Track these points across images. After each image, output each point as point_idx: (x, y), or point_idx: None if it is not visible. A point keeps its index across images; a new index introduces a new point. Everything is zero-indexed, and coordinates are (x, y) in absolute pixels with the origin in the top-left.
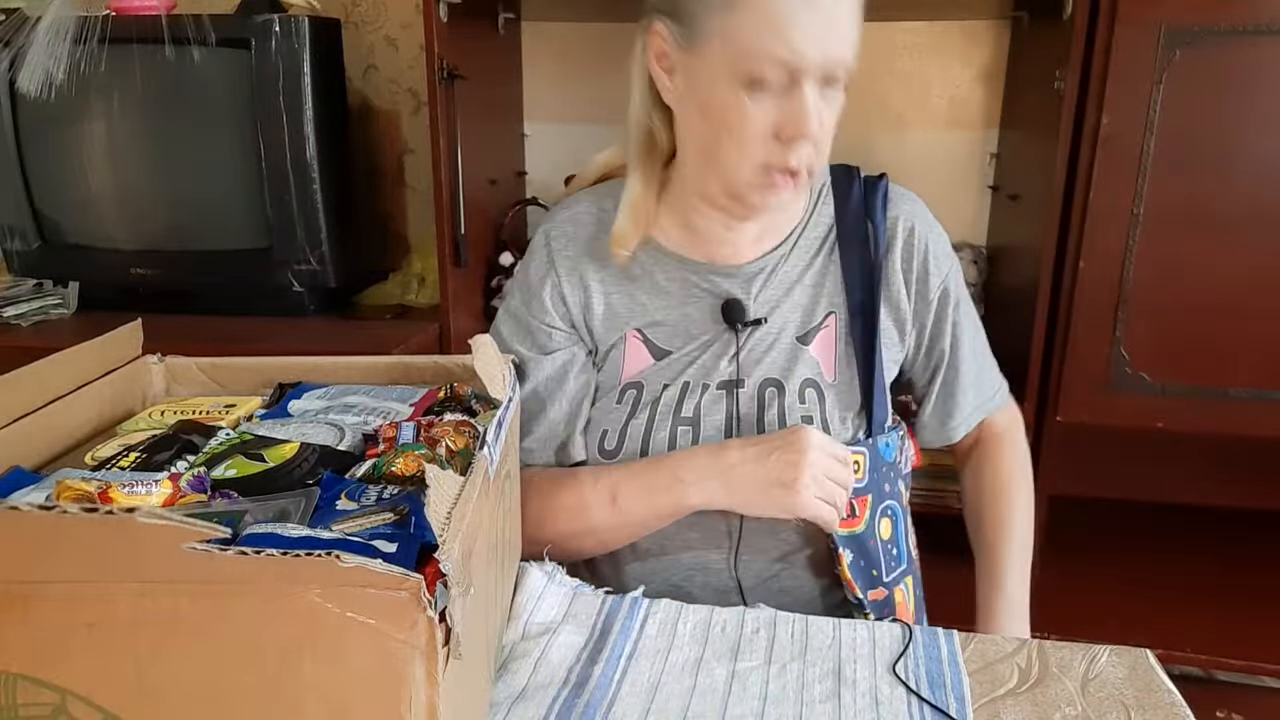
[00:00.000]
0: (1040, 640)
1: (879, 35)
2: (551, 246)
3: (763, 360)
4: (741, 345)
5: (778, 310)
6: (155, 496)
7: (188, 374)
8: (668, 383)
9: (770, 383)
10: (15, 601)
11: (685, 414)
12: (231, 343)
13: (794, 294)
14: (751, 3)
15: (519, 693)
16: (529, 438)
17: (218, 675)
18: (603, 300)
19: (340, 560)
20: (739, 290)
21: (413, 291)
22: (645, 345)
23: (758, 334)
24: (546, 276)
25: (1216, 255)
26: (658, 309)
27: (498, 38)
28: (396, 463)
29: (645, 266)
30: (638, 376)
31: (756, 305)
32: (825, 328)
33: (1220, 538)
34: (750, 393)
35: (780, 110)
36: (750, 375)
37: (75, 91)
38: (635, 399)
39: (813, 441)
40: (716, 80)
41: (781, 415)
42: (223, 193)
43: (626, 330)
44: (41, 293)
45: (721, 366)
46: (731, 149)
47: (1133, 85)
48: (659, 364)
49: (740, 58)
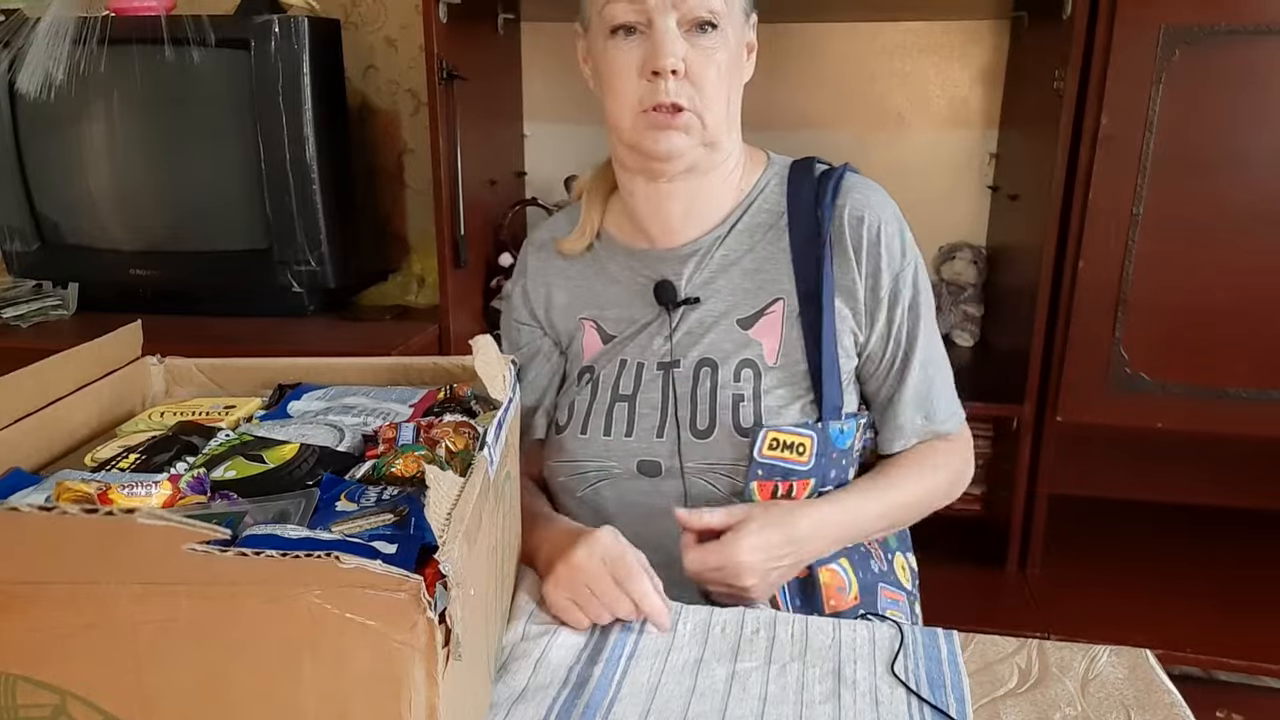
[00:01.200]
0: (1040, 640)
1: (879, 35)
2: (528, 251)
3: (700, 341)
4: (676, 326)
5: (715, 291)
6: (155, 498)
7: (187, 375)
8: (610, 361)
9: (706, 362)
10: (15, 602)
11: (623, 391)
12: (231, 344)
13: (732, 276)
14: None
15: (519, 693)
16: None
17: (218, 676)
18: (566, 293)
19: (340, 561)
20: (671, 272)
21: (412, 292)
22: (597, 331)
23: (695, 315)
24: (518, 278)
25: (1216, 255)
26: (609, 297)
27: (497, 38)
28: (396, 464)
29: (600, 259)
30: (591, 360)
31: (690, 286)
32: (770, 313)
33: (1220, 538)
34: (685, 372)
35: (643, 51)
36: (686, 355)
37: (75, 92)
38: (587, 380)
39: (580, 553)
40: (597, 43)
41: (714, 392)
42: (222, 193)
43: (582, 318)
44: (41, 294)
45: (657, 346)
46: (613, 101)
47: (1133, 85)
48: (606, 348)
49: (599, 12)
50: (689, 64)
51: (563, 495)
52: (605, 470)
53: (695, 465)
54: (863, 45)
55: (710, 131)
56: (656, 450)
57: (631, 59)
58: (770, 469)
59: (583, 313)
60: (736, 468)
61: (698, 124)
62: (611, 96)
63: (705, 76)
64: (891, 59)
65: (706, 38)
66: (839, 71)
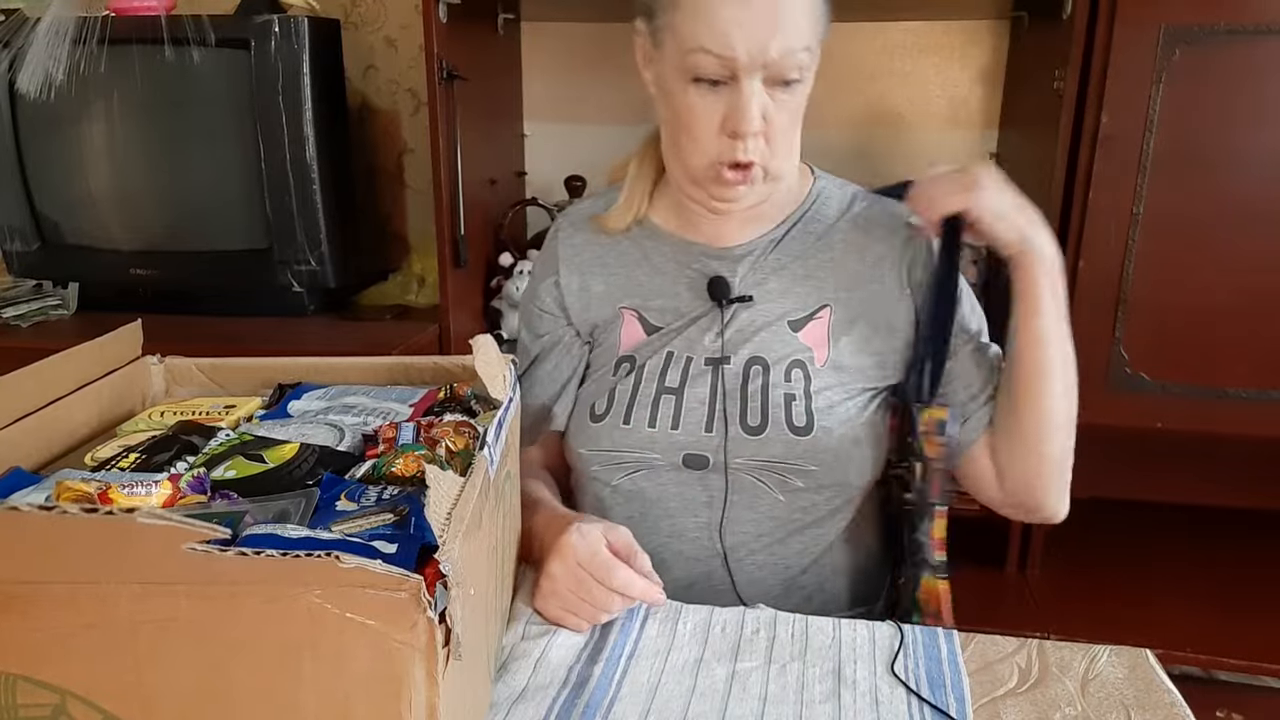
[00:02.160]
0: (1040, 640)
1: (879, 35)
2: (559, 237)
3: (751, 339)
4: (728, 322)
5: (766, 293)
6: (155, 497)
7: (187, 374)
8: (654, 352)
9: (757, 360)
10: (15, 602)
11: (670, 384)
12: (231, 343)
13: (784, 280)
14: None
15: (519, 693)
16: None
17: (218, 676)
18: (604, 281)
19: (340, 561)
20: (725, 270)
21: (412, 292)
22: (639, 322)
23: (747, 314)
24: (548, 266)
25: (1216, 255)
26: (653, 287)
27: (497, 38)
28: (396, 463)
29: (644, 248)
30: (631, 350)
31: (742, 285)
32: (818, 318)
33: (1220, 538)
34: (735, 369)
35: (725, 105)
36: (736, 352)
37: (75, 92)
38: (627, 370)
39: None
40: (672, 76)
41: (765, 390)
42: (222, 193)
43: (622, 307)
44: (41, 294)
45: (707, 342)
46: (687, 142)
47: (1133, 85)
48: (650, 339)
49: (682, 53)
50: (767, 118)
51: (594, 484)
52: (645, 461)
53: (744, 461)
54: (863, 45)
55: (774, 175)
56: (704, 444)
57: (712, 110)
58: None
59: (623, 302)
60: (786, 465)
61: (762, 174)
62: (687, 138)
63: (779, 127)
64: (891, 59)
65: (788, 91)
66: (839, 71)
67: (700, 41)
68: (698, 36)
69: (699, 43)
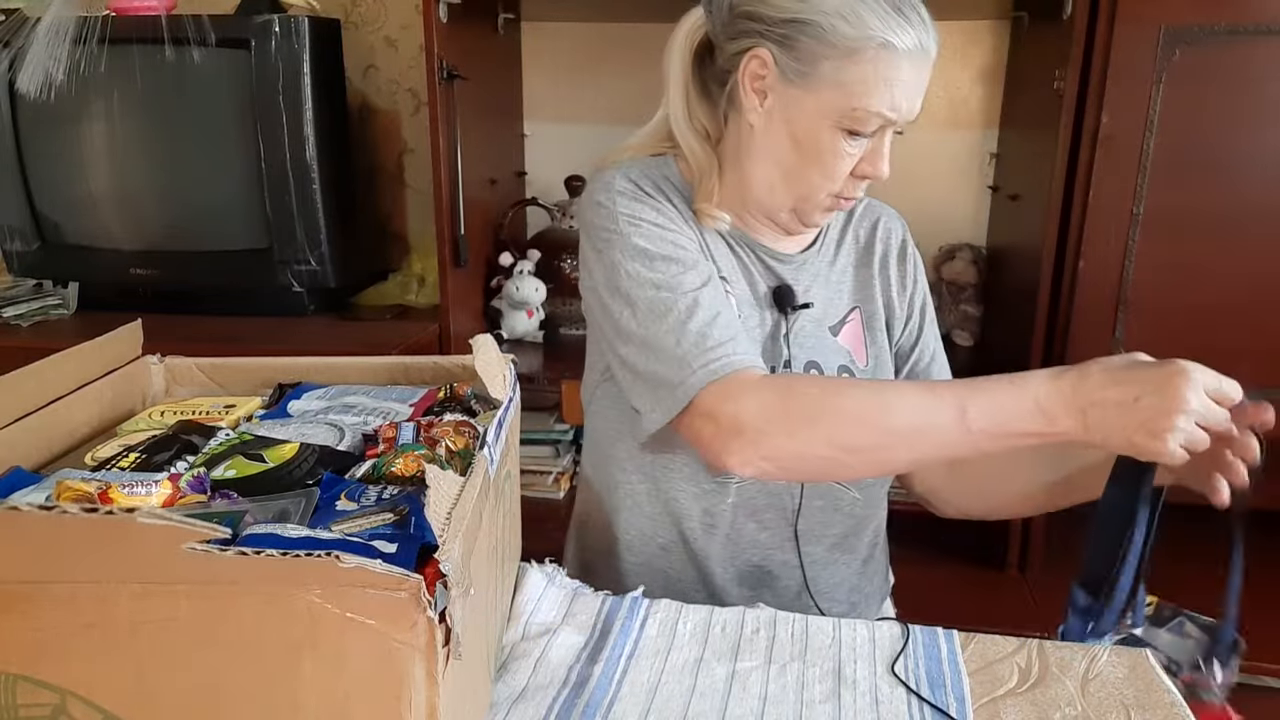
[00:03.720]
0: (1040, 640)
1: None
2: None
3: (804, 344)
4: (790, 328)
5: (813, 298)
6: (155, 497)
7: (187, 374)
8: None
9: (812, 365)
10: (15, 601)
11: None
12: (231, 343)
13: (823, 285)
14: (872, 60)
15: (519, 693)
16: (740, 338)
17: (218, 675)
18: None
19: (340, 561)
20: (789, 276)
21: (412, 292)
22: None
23: (800, 319)
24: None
25: (1216, 255)
26: (730, 266)
27: (497, 38)
28: (396, 463)
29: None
30: None
31: (801, 292)
32: (850, 321)
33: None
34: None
35: (861, 150)
36: (795, 357)
37: (75, 91)
38: None
39: (1189, 387)
40: (820, 119)
41: None
42: (222, 193)
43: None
44: (41, 293)
45: (779, 346)
46: (817, 179)
47: (1133, 85)
48: None
49: (850, 107)
50: None
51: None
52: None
53: None
54: None
55: None
56: None
57: (854, 155)
58: None
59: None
60: None
61: None
62: (821, 178)
63: None
64: None
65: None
66: None
67: (875, 106)
68: (874, 99)
69: (874, 106)
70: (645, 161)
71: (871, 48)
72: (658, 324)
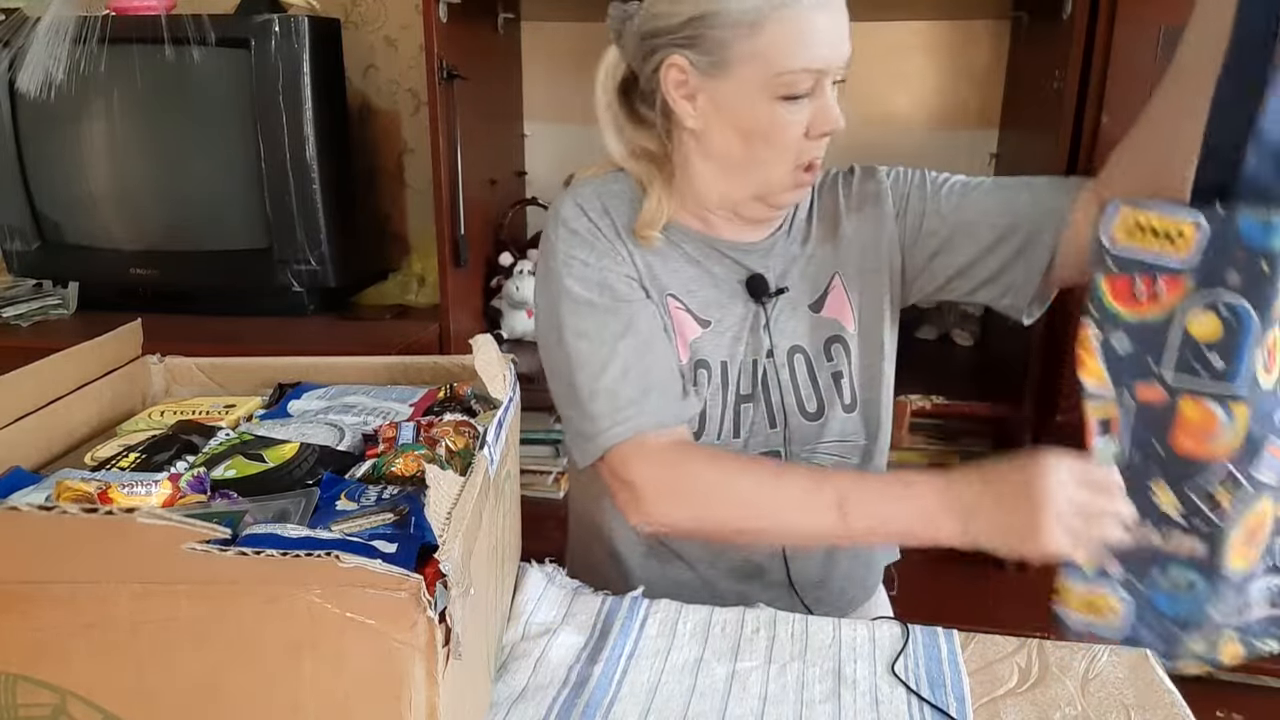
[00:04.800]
0: (1040, 640)
1: (879, 35)
2: (590, 216)
3: (786, 329)
4: (770, 316)
5: (790, 281)
6: (155, 497)
7: (187, 374)
8: (723, 359)
9: (797, 349)
10: (15, 602)
11: (744, 391)
12: (231, 343)
13: (799, 265)
14: (776, 22)
15: (519, 693)
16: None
17: (217, 675)
18: (643, 263)
19: (340, 561)
20: (758, 265)
21: (412, 291)
22: (687, 313)
23: (779, 304)
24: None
25: None
26: (690, 277)
27: (497, 38)
28: (396, 463)
29: (672, 239)
30: (695, 350)
31: (774, 278)
32: (833, 289)
33: None
34: (782, 359)
35: (809, 112)
36: (778, 344)
37: (75, 91)
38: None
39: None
40: (751, 99)
41: (813, 374)
42: (223, 193)
43: (667, 296)
44: (41, 293)
45: (757, 337)
46: (771, 156)
47: (1132, 85)
48: (706, 332)
49: (774, 74)
50: None
51: None
52: None
53: (809, 450)
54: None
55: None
56: (772, 440)
57: (799, 121)
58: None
59: (669, 289)
60: (844, 444)
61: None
62: (773, 154)
63: None
64: (891, 59)
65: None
66: None
67: (797, 63)
68: (793, 58)
69: (796, 64)
70: (607, 178)
71: (771, 11)
72: (577, 374)
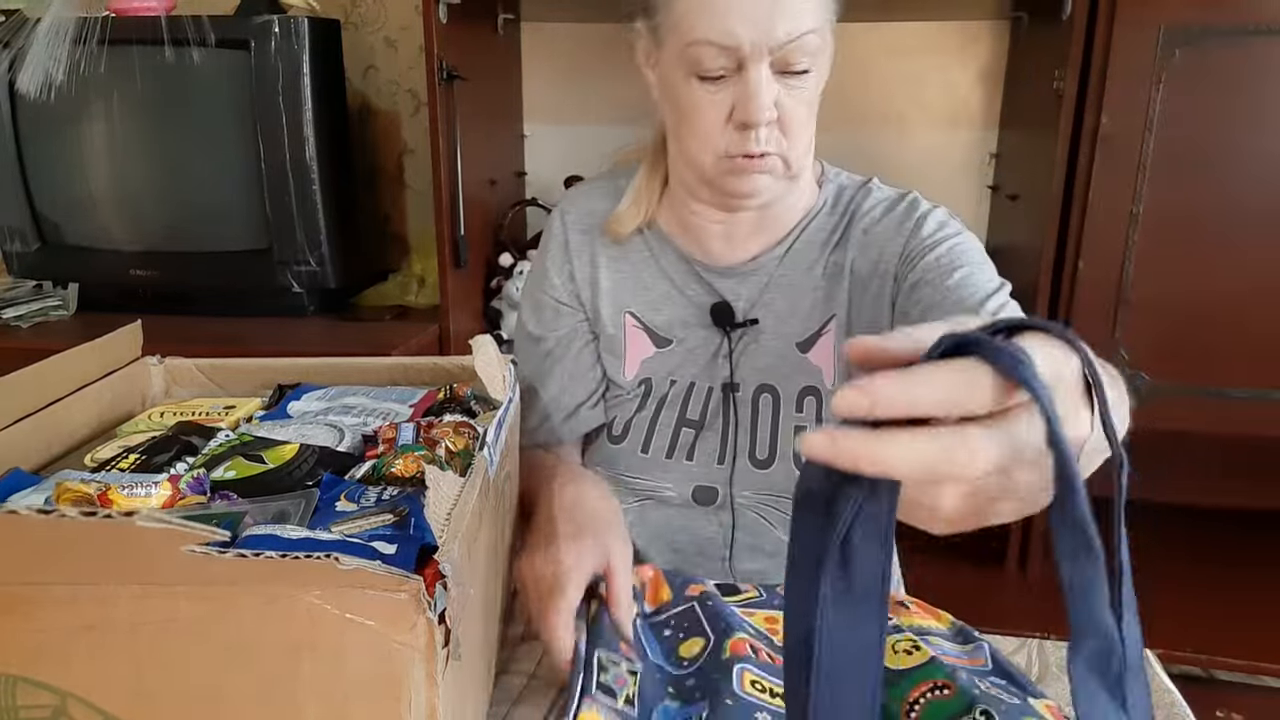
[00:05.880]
0: (1040, 640)
1: (879, 35)
2: (565, 222)
3: (759, 364)
4: (734, 347)
5: (774, 312)
6: (155, 498)
7: (187, 375)
8: (674, 378)
9: (766, 389)
10: (15, 603)
11: (690, 415)
12: (231, 344)
13: (791, 296)
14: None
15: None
16: (546, 423)
17: (217, 677)
18: (611, 279)
19: (339, 562)
20: (729, 291)
21: (412, 292)
22: (644, 331)
23: (754, 337)
24: (558, 252)
25: (1216, 255)
26: (660, 293)
27: (497, 38)
28: (396, 464)
29: (652, 249)
30: (646, 368)
31: (747, 304)
32: (826, 333)
33: (1220, 538)
34: (745, 397)
35: (733, 97)
36: (745, 380)
37: (75, 92)
38: (645, 393)
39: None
40: (674, 71)
41: (775, 422)
42: (222, 193)
43: (625, 313)
44: (41, 294)
45: (719, 366)
46: (691, 139)
47: (1132, 85)
48: (661, 352)
49: (684, 47)
50: (780, 109)
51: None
52: (655, 491)
53: (749, 497)
54: (862, 45)
55: (793, 169)
56: (715, 476)
57: (719, 103)
58: None
59: (629, 305)
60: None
61: (781, 165)
62: (692, 137)
63: (794, 118)
64: (891, 59)
65: (799, 79)
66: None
67: (701, 33)
68: (697, 28)
69: (700, 34)
70: (616, 171)
71: None
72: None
